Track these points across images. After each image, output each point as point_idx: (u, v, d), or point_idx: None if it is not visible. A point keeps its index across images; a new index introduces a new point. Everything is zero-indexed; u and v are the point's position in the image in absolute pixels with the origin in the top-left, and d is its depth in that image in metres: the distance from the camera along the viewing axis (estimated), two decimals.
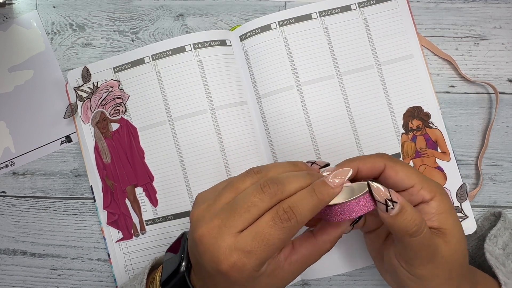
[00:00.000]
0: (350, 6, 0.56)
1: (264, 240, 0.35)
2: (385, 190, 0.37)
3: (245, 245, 0.35)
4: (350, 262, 0.53)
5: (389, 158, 0.42)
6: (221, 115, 0.55)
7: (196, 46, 0.55)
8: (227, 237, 0.35)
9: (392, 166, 0.41)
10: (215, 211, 0.37)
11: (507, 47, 0.56)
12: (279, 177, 0.37)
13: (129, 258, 0.55)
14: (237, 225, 0.35)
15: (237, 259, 0.35)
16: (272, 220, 0.35)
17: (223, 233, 0.35)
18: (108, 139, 0.56)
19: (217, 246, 0.35)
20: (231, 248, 0.35)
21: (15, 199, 0.58)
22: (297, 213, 0.35)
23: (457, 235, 0.40)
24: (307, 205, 0.36)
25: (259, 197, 0.36)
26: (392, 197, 0.37)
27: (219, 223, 0.36)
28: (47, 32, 0.59)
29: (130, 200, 0.55)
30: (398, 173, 0.41)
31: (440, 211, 0.40)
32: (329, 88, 0.55)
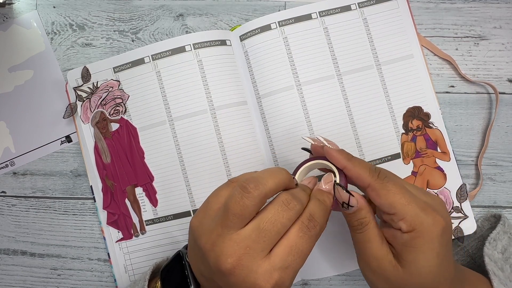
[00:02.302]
0: (350, 6, 0.56)
1: (299, 253, 0.36)
2: (345, 195, 0.39)
3: (283, 262, 0.35)
4: (350, 262, 0.53)
5: (378, 179, 0.39)
6: (221, 115, 0.55)
7: (196, 46, 0.55)
8: (262, 262, 0.35)
9: (376, 190, 0.39)
10: (236, 240, 0.36)
11: (507, 47, 0.56)
12: (294, 191, 0.39)
13: (129, 258, 0.55)
14: (267, 247, 0.36)
15: (277, 278, 0.35)
16: (300, 231, 0.36)
17: (256, 259, 0.35)
18: (108, 139, 0.56)
19: (254, 273, 0.35)
20: (270, 271, 0.35)
21: (15, 199, 0.58)
22: (318, 220, 0.38)
23: (414, 270, 0.38)
24: (321, 211, 0.38)
25: (287, 216, 0.36)
26: (350, 202, 0.39)
27: (247, 251, 0.35)
28: (47, 32, 0.59)
29: (130, 200, 0.55)
30: (380, 198, 0.38)
31: (407, 245, 0.38)
32: (329, 88, 0.55)
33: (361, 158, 0.54)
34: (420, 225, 0.37)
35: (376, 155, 0.54)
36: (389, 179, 0.39)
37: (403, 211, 0.37)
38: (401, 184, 0.39)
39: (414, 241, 0.37)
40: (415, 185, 0.41)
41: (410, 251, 0.37)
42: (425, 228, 0.37)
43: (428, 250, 0.37)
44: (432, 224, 0.37)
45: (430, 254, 0.37)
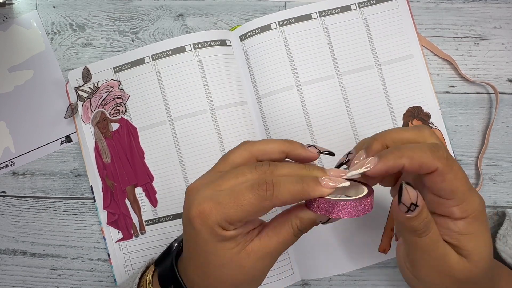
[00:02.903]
0: (350, 6, 0.56)
1: (236, 197, 0.35)
2: (414, 195, 0.35)
3: (218, 197, 0.35)
4: (350, 262, 0.53)
5: (445, 161, 0.35)
6: (221, 115, 0.55)
7: (196, 46, 0.55)
8: (208, 190, 0.36)
9: (443, 174, 0.35)
10: (208, 175, 0.38)
11: (507, 47, 0.56)
12: (276, 162, 0.38)
13: (129, 258, 0.55)
14: (221, 184, 0.36)
15: (206, 207, 0.35)
16: (251, 185, 0.35)
17: (206, 188, 0.36)
18: (108, 139, 0.56)
19: (196, 195, 0.36)
20: (205, 198, 0.35)
21: (15, 199, 0.58)
22: (276, 189, 0.35)
23: (477, 258, 0.36)
24: (289, 188, 0.35)
25: (251, 173, 0.36)
26: (418, 201, 0.34)
27: (207, 182, 0.37)
28: (47, 32, 0.59)
29: (130, 200, 0.55)
30: (444, 182, 0.35)
31: (464, 232, 0.36)
32: (329, 88, 0.55)
33: None
34: (474, 210, 0.35)
35: None
36: (453, 160, 0.35)
37: (462, 196, 0.35)
38: (459, 165, 0.36)
39: (470, 226, 0.36)
40: None
41: (470, 239, 0.36)
42: (478, 211, 0.36)
43: (485, 233, 0.36)
44: (480, 205, 0.36)
45: (487, 237, 0.36)
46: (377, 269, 0.55)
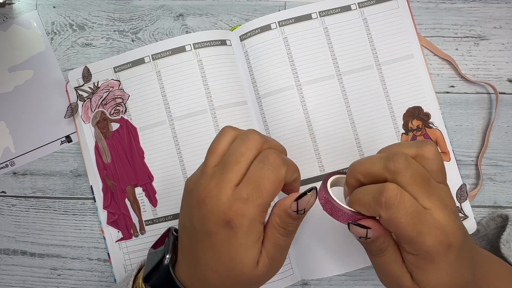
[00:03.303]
0: (350, 6, 0.56)
1: (256, 185, 0.37)
2: (362, 232, 0.37)
3: (242, 194, 0.37)
4: (350, 262, 0.53)
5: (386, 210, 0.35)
6: (221, 115, 0.55)
7: (196, 46, 0.55)
8: (226, 191, 0.37)
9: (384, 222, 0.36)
10: (209, 174, 0.38)
11: (507, 47, 0.56)
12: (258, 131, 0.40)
13: (129, 258, 0.55)
14: (232, 178, 0.37)
15: (237, 208, 0.36)
16: (260, 162, 0.37)
17: (222, 189, 0.37)
18: (108, 139, 0.56)
19: (219, 201, 0.37)
20: (231, 200, 0.36)
21: (15, 199, 0.58)
22: (281, 153, 0.38)
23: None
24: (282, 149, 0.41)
25: (245, 146, 0.38)
26: (368, 235, 0.37)
27: (216, 182, 0.37)
28: (47, 32, 0.59)
29: (130, 200, 0.55)
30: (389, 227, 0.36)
31: (414, 265, 0.37)
32: (329, 88, 0.55)
33: (360, 158, 0.54)
34: (423, 251, 0.35)
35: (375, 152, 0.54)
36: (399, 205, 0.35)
37: (409, 240, 0.35)
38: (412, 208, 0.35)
39: (419, 262, 0.36)
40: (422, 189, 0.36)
41: (419, 272, 0.37)
42: (430, 253, 0.35)
43: (435, 270, 0.36)
44: (433, 246, 0.35)
45: (438, 273, 0.36)
46: None
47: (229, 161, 0.38)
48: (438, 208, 0.36)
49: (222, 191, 0.37)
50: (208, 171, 0.39)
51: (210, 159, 0.39)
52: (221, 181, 0.37)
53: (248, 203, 0.36)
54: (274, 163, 0.37)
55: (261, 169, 0.37)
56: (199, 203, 0.38)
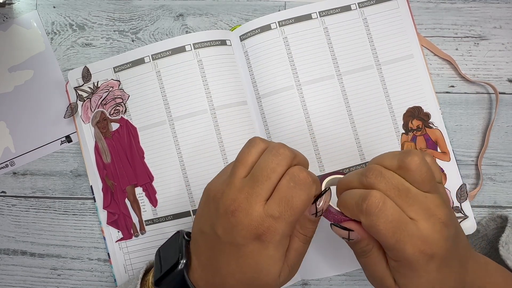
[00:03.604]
0: (350, 6, 0.56)
1: (288, 203, 0.37)
2: (344, 233, 0.39)
3: (273, 212, 0.37)
4: (350, 262, 0.53)
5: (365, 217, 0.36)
6: (221, 115, 0.55)
7: (196, 46, 0.55)
8: (257, 206, 0.37)
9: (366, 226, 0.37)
10: (237, 186, 0.38)
11: (507, 47, 0.56)
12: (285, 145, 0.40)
13: (129, 258, 0.55)
14: (263, 194, 0.38)
15: (268, 225, 0.37)
16: (291, 181, 0.38)
17: (252, 203, 0.37)
18: (108, 139, 0.56)
19: (250, 216, 0.37)
20: (262, 216, 0.37)
21: (15, 199, 0.58)
22: (310, 172, 0.39)
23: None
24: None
25: (276, 162, 0.38)
26: (350, 237, 0.39)
27: (246, 196, 0.38)
28: (47, 32, 0.59)
29: (130, 200, 0.55)
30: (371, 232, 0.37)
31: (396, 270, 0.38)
32: (329, 88, 0.55)
33: (360, 158, 0.54)
34: (404, 260, 0.36)
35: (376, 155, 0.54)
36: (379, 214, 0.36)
37: (389, 247, 0.36)
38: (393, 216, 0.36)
39: (400, 269, 0.37)
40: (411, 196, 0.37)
41: (401, 277, 0.38)
42: (409, 261, 0.36)
43: (416, 278, 0.37)
44: (416, 258, 0.36)
45: (420, 280, 0.37)
46: None
47: (260, 175, 0.38)
48: (423, 218, 0.36)
49: (252, 206, 0.37)
50: (237, 182, 0.39)
51: (239, 170, 0.39)
52: (252, 195, 0.38)
53: (279, 220, 0.37)
54: (306, 183, 0.38)
55: (293, 188, 0.37)
56: (227, 214, 0.38)
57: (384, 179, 0.37)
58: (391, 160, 0.38)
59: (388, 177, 0.37)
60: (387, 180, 0.37)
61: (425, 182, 0.37)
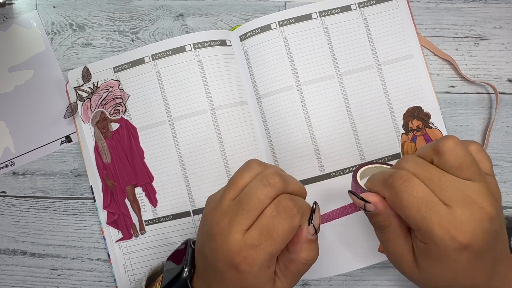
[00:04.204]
0: (350, 6, 0.56)
1: (269, 233, 0.36)
2: (360, 202, 0.38)
3: (253, 240, 0.36)
4: (350, 262, 0.53)
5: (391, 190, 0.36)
6: (221, 115, 0.55)
7: (196, 46, 0.55)
8: (236, 234, 0.37)
9: (390, 201, 0.37)
10: (223, 209, 0.38)
11: (507, 47, 0.56)
12: (281, 172, 0.40)
13: (129, 258, 0.55)
14: (245, 223, 0.37)
15: (246, 255, 0.36)
16: (274, 210, 0.37)
17: (232, 231, 0.37)
18: (108, 139, 0.56)
19: (228, 242, 0.37)
20: (240, 245, 0.36)
21: (15, 199, 0.58)
22: (298, 202, 0.38)
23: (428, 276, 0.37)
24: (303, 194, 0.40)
25: (265, 193, 0.37)
26: (366, 207, 0.38)
27: (228, 221, 0.37)
28: (47, 32, 0.59)
29: (129, 200, 0.55)
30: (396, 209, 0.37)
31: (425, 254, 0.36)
32: (329, 88, 0.55)
33: (360, 158, 0.54)
34: (432, 242, 0.35)
35: (376, 155, 0.54)
36: (404, 188, 0.35)
37: (416, 225, 0.35)
38: (419, 193, 0.35)
39: (428, 252, 0.36)
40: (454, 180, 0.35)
41: (426, 260, 0.36)
42: (438, 246, 0.34)
43: (442, 265, 0.36)
44: (446, 243, 0.34)
45: (445, 268, 0.36)
46: (377, 269, 0.55)
47: (246, 204, 0.37)
48: (459, 205, 0.34)
49: (232, 233, 0.37)
50: (224, 204, 0.39)
51: (229, 192, 0.39)
52: (234, 222, 0.37)
53: (258, 250, 0.36)
54: (289, 212, 0.37)
55: (275, 217, 0.37)
56: (209, 236, 0.38)
57: (416, 163, 0.36)
58: (424, 149, 0.37)
59: (420, 162, 0.36)
60: (419, 164, 0.36)
61: (463, 167, 0.35)
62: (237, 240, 0.37)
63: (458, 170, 0.35)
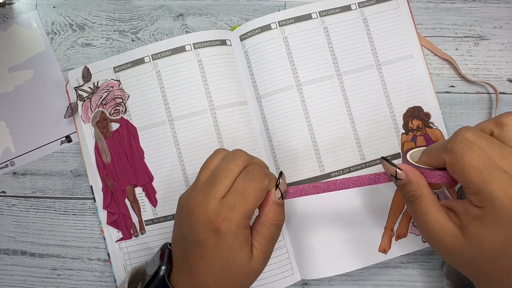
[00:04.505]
0: (350, 6, 0.56)
1: (242, 194, 0.41)
2: (391, 169, 0.41)
3: (228, 203, 0.40)
4: (350, 262, 0.53)
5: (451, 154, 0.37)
6: (221, 115, 0.55)
7: (196, 46, 0.55)
8: (213, 202, 0.40)
9: (450, 165, 0.38)
10: (199, 188, 0.42)
11: (507, 47, 0.56)
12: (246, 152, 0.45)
13: (129, 258, 0.55)
14: (219, 191, 0.41)
15: (224, 215, 0.40)
16: (244, 175, 0.42)
17: (209, 200, 0.41)
18: (108, 138, 0.56)
19: (206, 211, 0.40)
20: (218, 209, 0.40)
21: (15, 199, 0.58)
22: (263, 169, 0.43)
23: (476, 243, 0.37)
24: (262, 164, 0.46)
25: (234, 163, 0.42)
26: (397, 175, 0.41)
27: (204, 194, 0.41)
28: (47, 32, 0.59)
29: (129, 200, 0.55)
30: (455, 173, 0.38)
31: (479, 220, 0.37)
32: (329, 88, 0.55)
33: (360, 158, 0.54)
34: (491, 205, 0.35)
35: (376, 155, 0.54)
36: (465, 152, 0.37)
37: (475, 188, 0.36)
38: (480, 157, 0.36)
39: (483, 217, 0.36)
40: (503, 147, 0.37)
41: (478, 225, 0.37)
42: (497, 209, 0.35)
43: (496, 230, 0.36)
44: (506, 205, 0.35)
45: (498, 233, 0.36)
46: (377, 269, 0.55)
47: (218, 175, 0.42)
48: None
49: (209, 201, 0.41)
50: (199, 185, 0.43)
51: (202, 174, 0.44)
52: (210, 193, 0.41)
53: (234, 210, 0.40)
54: (257, 175, 0.42)
55: (246, 180, 0.41)
56: (188, 213, 0.41)
57: (475, 133, 0.37)
58: (485, 122, 0.39)
59: (480, 132, 0.38)
60: (479, 133, 0.37)
61: None
62: (214, 206, 0.40)
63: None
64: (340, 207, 0.53)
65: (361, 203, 0.53)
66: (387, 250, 0.53)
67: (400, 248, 0.53)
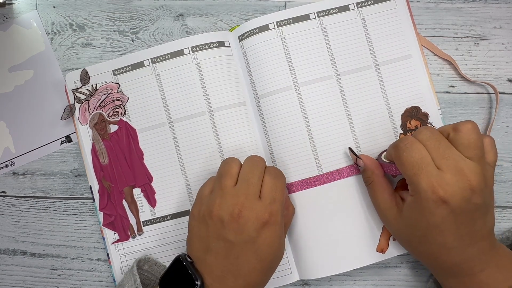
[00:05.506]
0: (348, 6, 0.56)
1: (277, 189, 0.46)
2: (353, 157, 0.52)
3: (269, 199, 0.46)
4: (350, 262, 0.53)
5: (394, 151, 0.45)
6: (219, 117, 0.55)
7: (195, 49, 0.55)
8: (257, 202, 0.45)
9: (395, 160, 0.45)
10: (232, 194, 0.45)
11: (507, 47, 0.56)
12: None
13: (125, 259, 0.55)
14: (257, 191, 0.46)
15: (271, 209, 0.45)
16: (269, 175, 0.47)
17: (252, 200, 0.45)
18: (106, 140, 0.56)
19: (254, 209, 0.44)
20: (264, 206, 0.45)
21: (15, 199, 0.58)
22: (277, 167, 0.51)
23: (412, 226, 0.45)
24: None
25: (258, 169, 0.47)
26: (358, 163, 0.51)
27: (244, 197, 0.45)
28: (47, 32, 0.59)
29: (127, 201, 0.55)
30: (398, 167, 0.45)
31: (410, 205, 0.44)
32: (328, 89, 0.55)
33: None
34: (418, 194, 0.42)
35: (374, 155, 0.54)
36: (405, 149, 0.43)
37: (408, 180, 0.43)
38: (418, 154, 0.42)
39: (413, 204, 0.43)
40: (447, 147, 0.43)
41: (409, 210, 0.44)
42: (421, 198, 0.42)
43: (420, 215, 0.43)
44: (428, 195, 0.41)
45: (421, 218, 0.43)
46: (377, 269, 0.55)
47: (251, 178, 0.46)
48: (450, 172, 0.41)
49: (254, 202, 0.45)
50: (230, 191, 0.46)
51: (227, 181, 0.46)
52: (250, 195, 0.45)
53: (276, 203, 0.46)
54: (280, 173, 0.49)
55: (274, 178, 0.47)
56: (233, 218, 0.44)
57: (430, 133, 0.43)
58: (447, 126, 0.44)
59: (435, 134, 0.43)
60: (433, 134, 0.43)
61: (470, 147, 0.42)
62: (259, 204, 0.45)
63: (465, 148, 0.42)
64: (339, 207, 0.53)
65: (359, 203, 0.53)
66: (384, 250, 0.53)
67: (398, 248, 0.53)
